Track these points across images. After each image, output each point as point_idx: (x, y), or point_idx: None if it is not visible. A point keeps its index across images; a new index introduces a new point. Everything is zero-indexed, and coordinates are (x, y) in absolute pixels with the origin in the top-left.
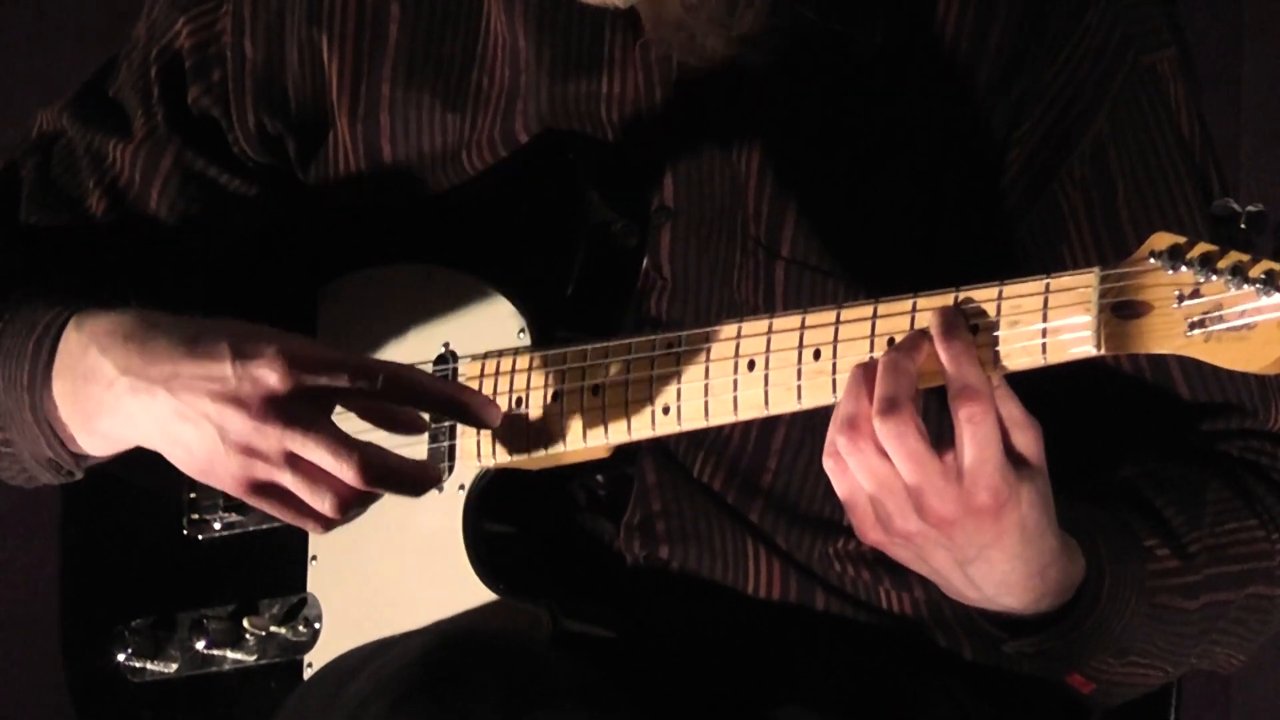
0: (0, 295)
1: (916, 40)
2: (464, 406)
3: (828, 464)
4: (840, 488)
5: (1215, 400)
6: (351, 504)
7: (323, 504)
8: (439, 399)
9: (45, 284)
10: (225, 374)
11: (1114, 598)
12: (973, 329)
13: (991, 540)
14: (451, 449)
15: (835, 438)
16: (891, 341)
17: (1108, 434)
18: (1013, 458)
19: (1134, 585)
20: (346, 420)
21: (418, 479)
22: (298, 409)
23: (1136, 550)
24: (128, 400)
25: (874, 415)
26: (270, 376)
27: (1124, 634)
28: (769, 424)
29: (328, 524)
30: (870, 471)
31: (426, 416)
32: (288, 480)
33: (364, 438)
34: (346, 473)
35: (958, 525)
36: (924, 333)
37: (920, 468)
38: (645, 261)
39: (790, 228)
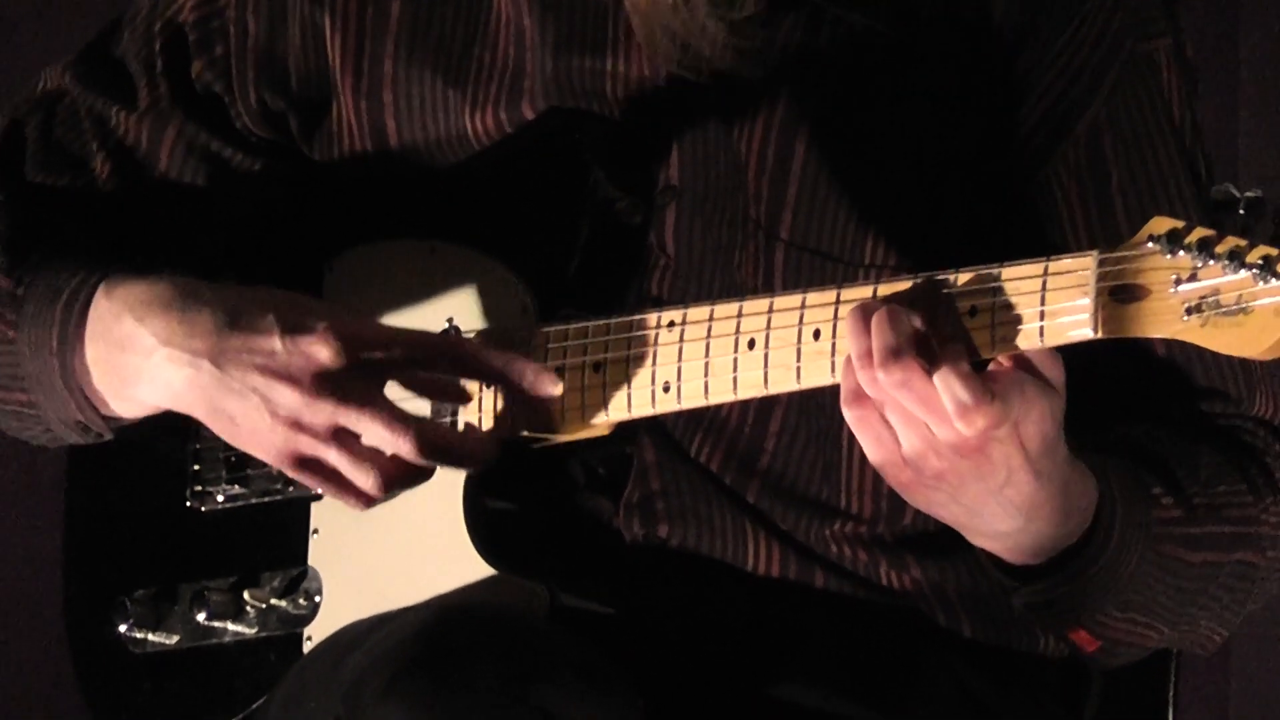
0: (18, 256)
1: (918, 22)
2: (520, 375)
3: (848, 413)
4: (866, 440)
5: (1201, 385)
6: (396, 481)
7: (367, 481)
8: (494, 370)
9: (64, 245)
10: (274, 348)
11: (1124, 536)
12: (971, 311)
13: (1018, 460)
14: (454, 425)
15: (855, 387)
16: None
17: (1095, 413)
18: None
19: (1141, 529)
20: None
21: (475, 451)
22: (350, 384)
23: (1144, 494)
24: (169, 370)
25: (876, 368)
26: (322, 352)
27: (1131, 580)
28: (766, 406)
29: (370, 501)
30: (900, 415)
31: (473, 386)
32: (333, 457)
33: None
34: (403, 446)
35: (982, 451)
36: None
37: (933, 411)
38: (650, 239)
39: (790, 210)
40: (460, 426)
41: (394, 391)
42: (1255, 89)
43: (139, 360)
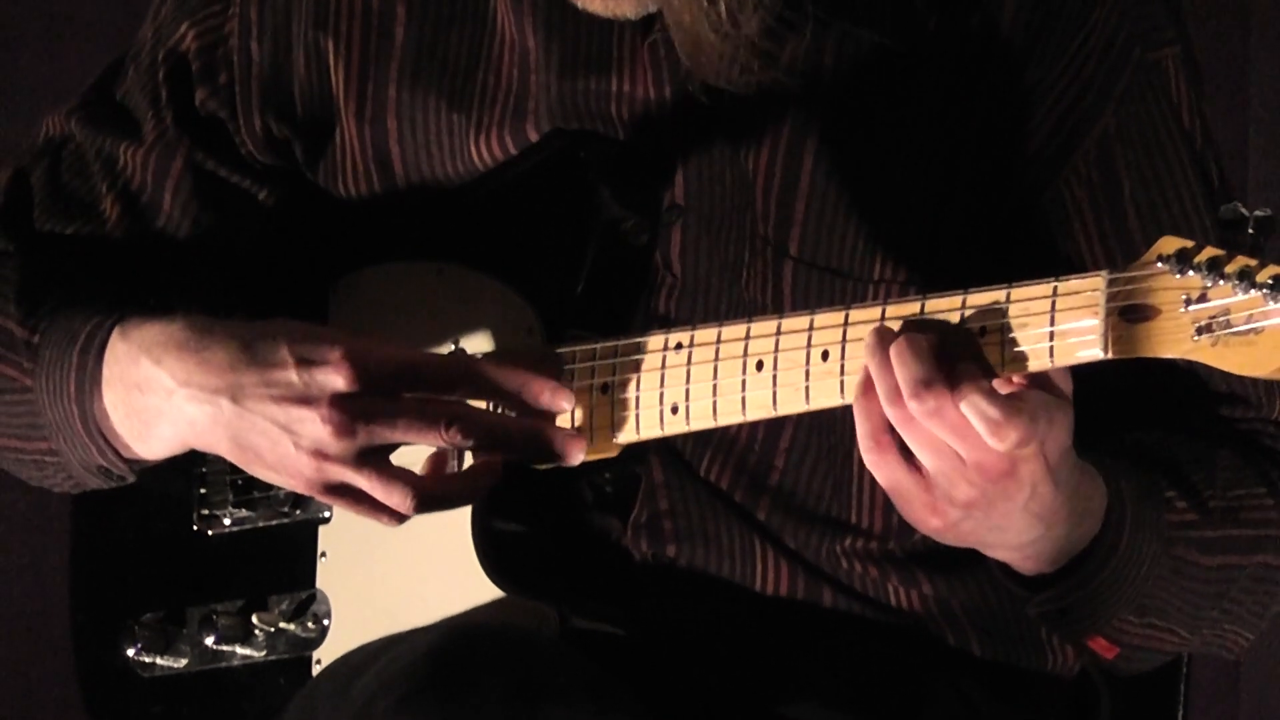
0: (32, 304)
1: (925, 36)
2: (537, 394)
3: (869, 457)
4: (884, 477)
5: (1221, 391)
6: (430, 496)
7: (400, 501)
8: (510, 389)
9: (75, 292)
10: (290, 380)
11: (1134, 538)
12: (980, 331)
13: (1041, 473)
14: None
15: (874, 430)
16: None
17: (1114, 419)
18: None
19: (1153, 531)
20: None
21: (516, 440)
22: (371, 406)
23: (1156, 497)
24: (189, 409)
25: (908, 399)
26: (337, 380)
27: (1144, 584)
28: (776, 423)
29: (403, 518)
30: (929, 443)
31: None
32: (361, 481)
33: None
34: (440, 441)
35: (1011, 473)
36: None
37: (965, 436)
38: (656, 258)
39: (798, 227)
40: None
41: None
42: (1266, 103)
43: (159, 401)
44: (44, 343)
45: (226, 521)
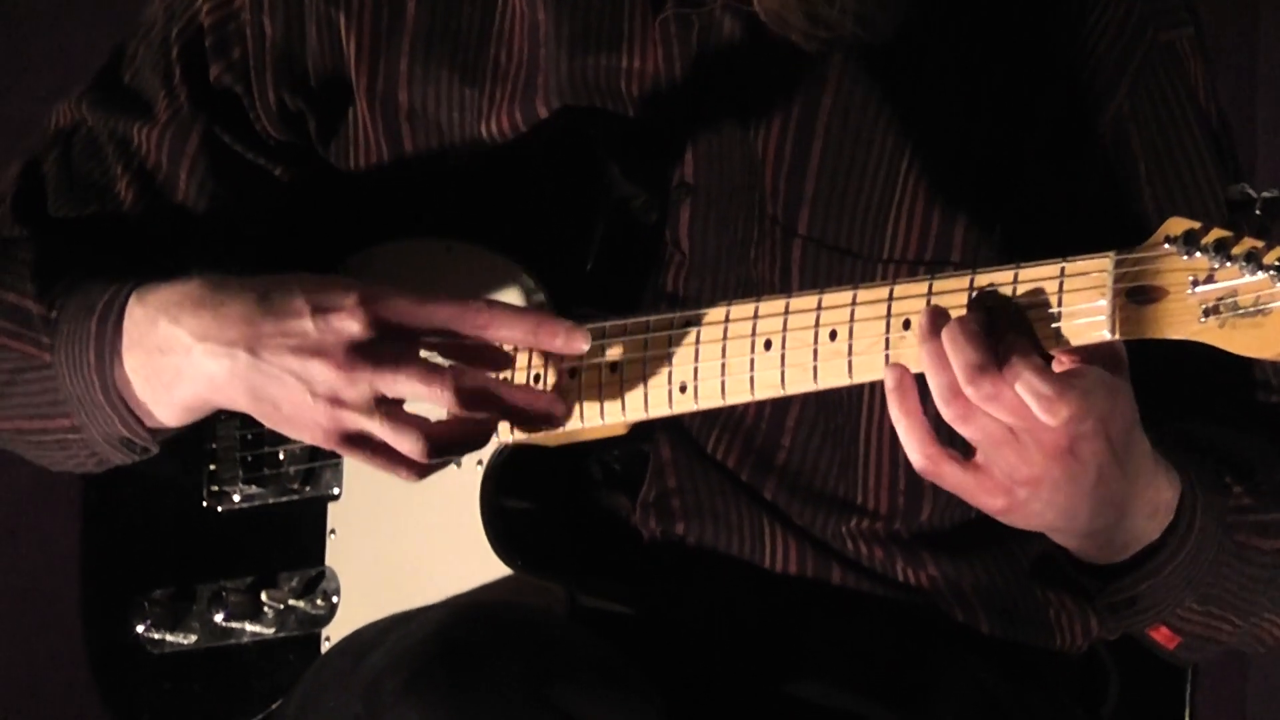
0: (48, 281)
1: (938, 16)
2: (552, 335)
3: (926, 473)
4: (947, 485)
5: (1244, 377)
6: (444, 443)
7: (413, 446)
8: (526, 330)
9: (91, 268)
10: (306, 328)
11: (1204, 527)
12: (988, 311)
13: (1106, 456)
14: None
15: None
16: (907, 324)
17: (1148, 410)
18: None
19: (1217, 518)
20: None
21: (520, 402)
22: (383, 350)
23: (1218, 484)
24: (208, 364)
25: (965, 385)
26: (352, 325)
27: (1209, 570)
28: (783, 402)
29: (420, 469)
30: (985, 431)
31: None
32: (375, 427)
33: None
34: (443, 397)
35: (1071, 451)
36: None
37: (1020, 414)
38: (665, 236)
39: (808, 205)
40: None
41: None
42: (1273, 89)
43: (178, 360)
44: (62, 316)
45: (236, 498)
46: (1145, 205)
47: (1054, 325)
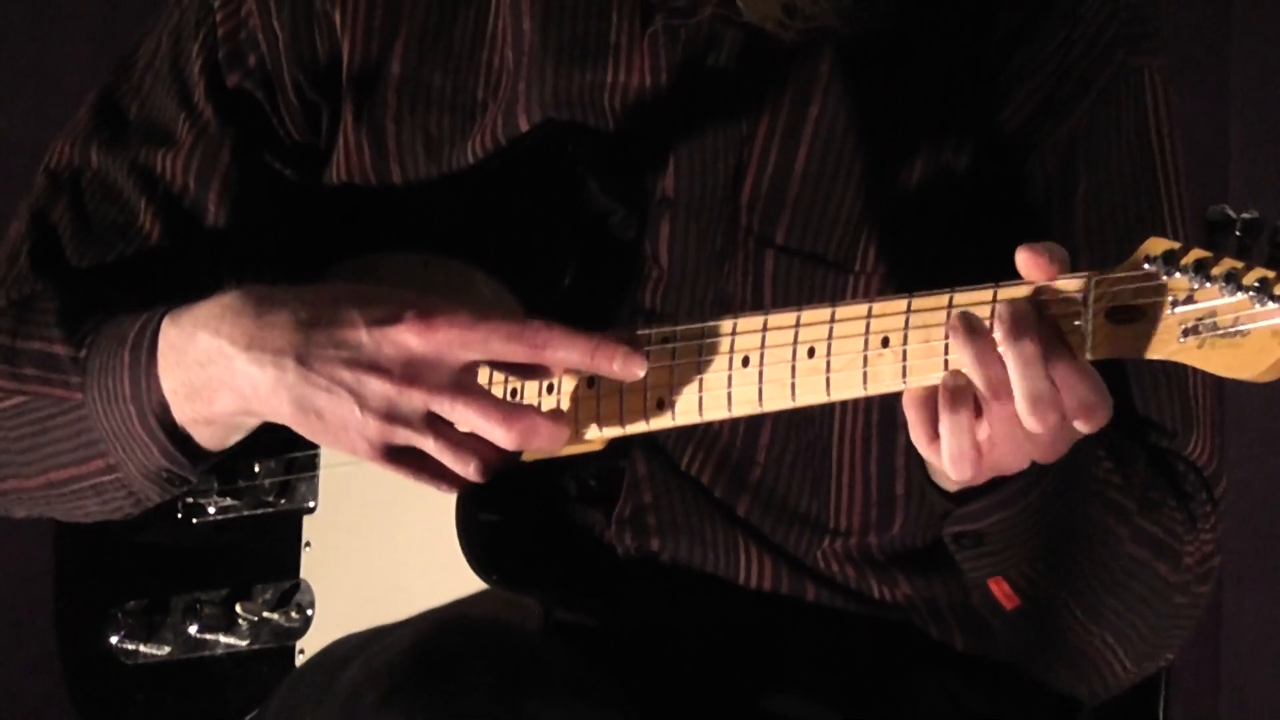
0: (75, 323)
1: (922, 25)
2: (610, 358)
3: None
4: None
5: (1138, 413)
6: (495, 465)
7: (468, 468)
8: (584, 353)
9: (118, 305)
10: (361, 340)
11: (1062, 474)
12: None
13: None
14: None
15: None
16: (886, 341)
17: None
18: None
19: (1079, 475)
20: None
21: (561, 432)
22: (441, 370)
23: (1086, 450)
24: (252, 373)
25: (1024, 414)
26: (410, 339)
27: (1062, 530)
28: (756, 419)
29: (466, 485)
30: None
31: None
32: (430, 445)
33: None
34: (499, 435)
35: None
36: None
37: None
38: (644, 251)
39: (789, 211)
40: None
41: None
42: (1246, 97)
43: (220, 370)
44: (91, 354)
45: (211, 510)
46: (1076, 226)
47: None
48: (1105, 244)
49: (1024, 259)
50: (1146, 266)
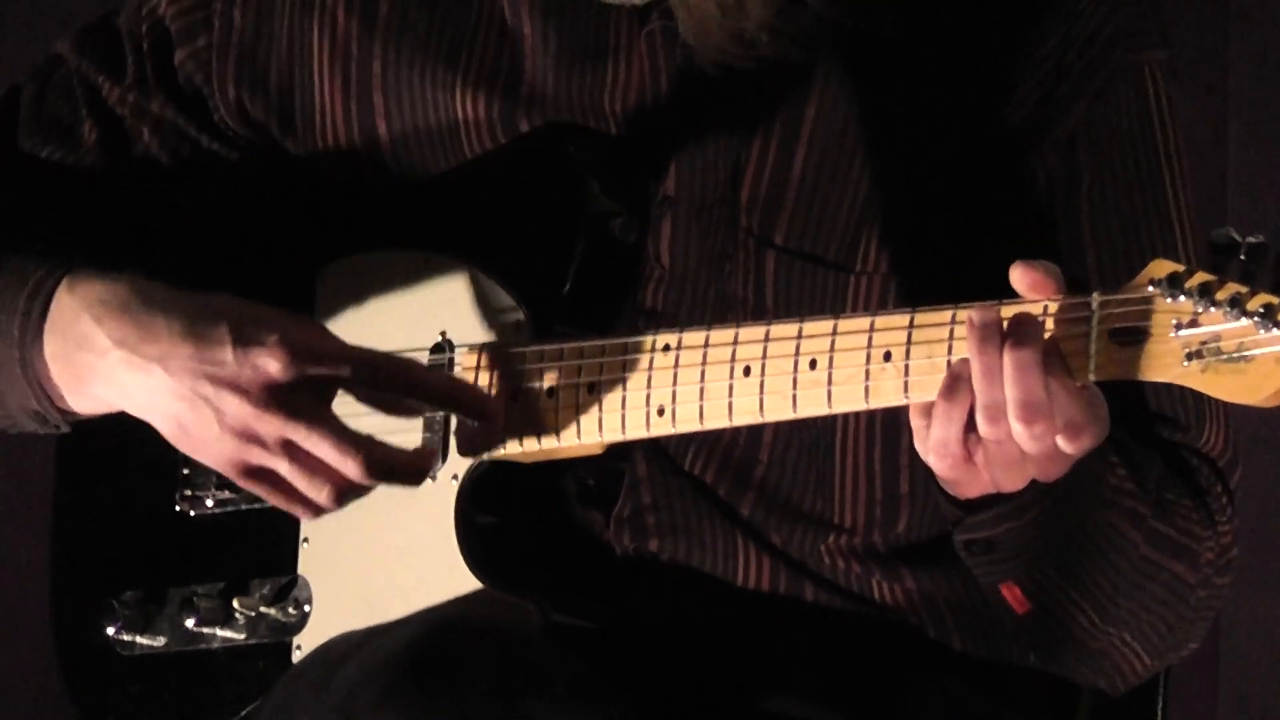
0: None
1: (920, 24)
2: (462, 402)
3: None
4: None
5: (1151, 408)
6: (348, 494)
7: (320, 494)
8: (438, 394)
9: (36, 228)
10: (225, 359)
11: (1074, 485)
12: None
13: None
14: (446, 439)
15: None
16: (888, 355)
17: None
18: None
19: (1093, 483)
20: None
21: (418, 469)
22: (300, 399)
23: (1100, 458)
24: (121, 372)
25: (1014, 420)
26: (271, 365)
27: (1075, 537)
28: None
29: (319, 511)
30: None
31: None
32: (284, 469)
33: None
34: (350, 468)
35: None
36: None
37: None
38: (646, 250)
39: (788, 212)
40: (454, 441)
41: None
42: (1244, 98)
43: (94, 360)
44: None
45: (209, 503)
46: (1081, 223)
47: None
48: (1112, 239)
49: (1022, 277)
50: (1151, 289)
